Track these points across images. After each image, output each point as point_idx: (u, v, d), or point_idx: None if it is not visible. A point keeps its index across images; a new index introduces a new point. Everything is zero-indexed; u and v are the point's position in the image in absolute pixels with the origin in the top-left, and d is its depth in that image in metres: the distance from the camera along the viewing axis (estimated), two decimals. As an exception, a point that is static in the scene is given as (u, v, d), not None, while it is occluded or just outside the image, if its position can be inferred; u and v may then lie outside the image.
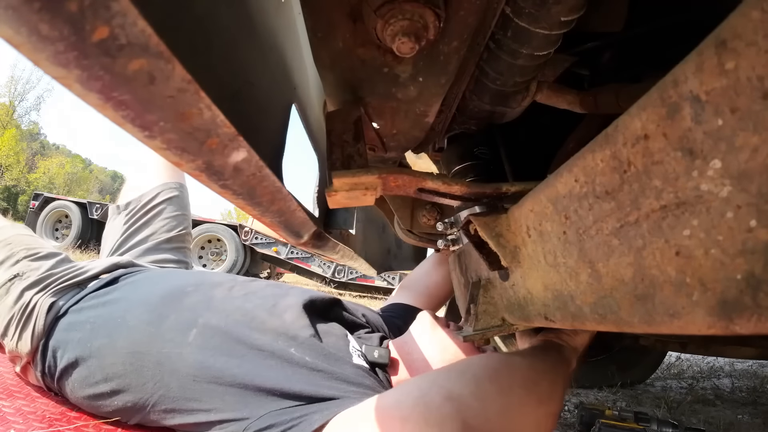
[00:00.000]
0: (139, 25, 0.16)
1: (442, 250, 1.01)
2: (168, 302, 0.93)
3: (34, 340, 0.96)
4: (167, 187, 1.48)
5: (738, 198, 0.18)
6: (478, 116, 0.61)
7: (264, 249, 6.02)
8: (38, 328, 0.97)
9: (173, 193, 1.49)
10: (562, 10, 0.41)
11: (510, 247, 0.40)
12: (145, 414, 0.84)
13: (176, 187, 1.51)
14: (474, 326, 0.49)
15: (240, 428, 0.72)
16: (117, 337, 0.89)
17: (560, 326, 0.36)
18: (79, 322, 0.95)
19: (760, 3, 0.17)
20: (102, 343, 0.89)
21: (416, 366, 0.89)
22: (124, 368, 0.85)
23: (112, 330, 0.90)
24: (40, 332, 0.97)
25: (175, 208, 1.47)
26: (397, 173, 0.42)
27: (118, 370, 0.86)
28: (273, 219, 0.41)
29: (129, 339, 0.88)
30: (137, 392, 0.84)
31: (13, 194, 34.06)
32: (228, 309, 0.90)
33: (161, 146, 0.23)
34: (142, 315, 0.91)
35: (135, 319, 0.91)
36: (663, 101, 0.21)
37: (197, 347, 0.83)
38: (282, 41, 0.46)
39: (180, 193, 1.52)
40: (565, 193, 0.31)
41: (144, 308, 0.93)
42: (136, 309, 0.93)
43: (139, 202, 1.43)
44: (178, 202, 1.49)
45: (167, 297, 0.95)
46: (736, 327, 0.18)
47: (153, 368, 0.83)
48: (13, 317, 0.98)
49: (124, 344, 0.87)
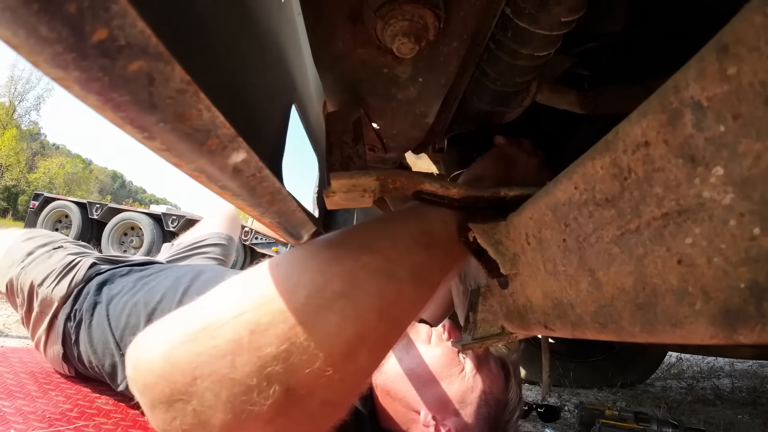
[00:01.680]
0: (139, 27, 0.16)
1: None
2: (187, 276, 1.09)
3: (71, 286, 1.11)
4: (218, 236, 1.69)
5: (741, 205, 0.18)
6: (478, 117, 0.61)
7: (264, 249, 6.02)
8: (78, 277, 1.13)
9: (221, 241, 1.68)
10: (562, 10, 0.41)
11: (509, 254, 0.40)
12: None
13: (225, 237, 1.71)
14: (473, 334, 0.49)
15: None
16: (138, 294, 1.03)
17: (560, 335, 0.36)
18: (111, 280, 1.12)
19: (763, 7, 0.17)
20: (126, 301, 1.03)
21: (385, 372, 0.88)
22: (142, 324, 0.95)
23: (137, 290, 1.06)
24: (79, 280, 1.12)
25: (217, 254, 1.65)
26: (396, 175, 0.42)
27: (133, 322, 0.97)
28: (273, 219, 0.40)
29: (147, 297, 1.01)
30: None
31: (13, 194, 34.06)
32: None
33: (161, 147, 0.23)
34: (164, 281, 1.07)
35: (158, 284, 1.06)
36: (664, 107, 0.21)
37: None
38: (282, 41, 0.46)
39: (227, 244, 1.71)
40: (564, 201, 0.31)
41: (168, 279, 1.09)
42: (162, 279, 1.10)
43: (189, 241, 1.64)
44: (222, 250, 1.68)
45: (187, 273, 1.11)
46: (739, 337, 0.18)
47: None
48: (54, 270, 1.13)
49: (141, 300, 1.01)
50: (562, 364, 1.97)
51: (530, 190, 0.41)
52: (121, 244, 6.51)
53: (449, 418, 0.80)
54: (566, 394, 1.92)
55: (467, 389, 0.82)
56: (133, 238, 6.52)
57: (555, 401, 1.79)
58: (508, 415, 0.83)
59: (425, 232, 0.41)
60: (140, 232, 6.42)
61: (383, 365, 0.85)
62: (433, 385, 0.81)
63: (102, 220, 6.54)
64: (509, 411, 0.84)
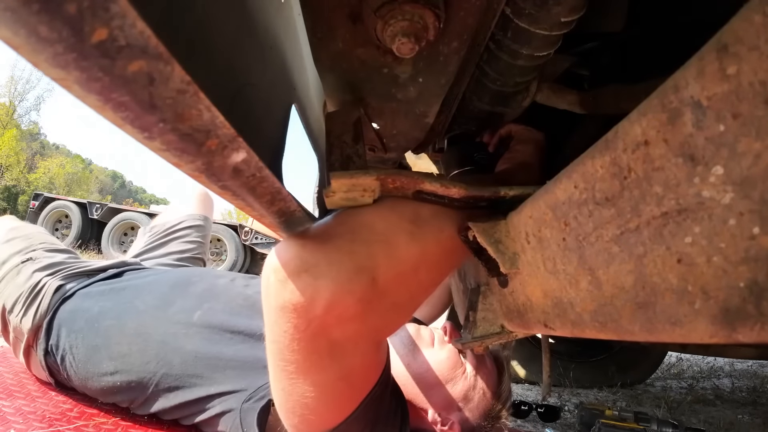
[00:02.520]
0: (138, 27, 0.16)
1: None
2: (175, 289, 1.01)
3: (37, 317, 1.02)
4: (192, 217, 1.63)
5: (740, 205, 0.18)
6: (478, 117, 0.61)
7: (264, 249, 6.02)
8: (43, 307, 1.03)
9: (197, 222, 1.63)
10: (562, 10, 0.41)
11: (509, 253, 0.40)
12: (147, 395, 0.88)
13: (200, 218, 1.66)
14: (473, 333, 0.49)
15: (240, 398, 0.78)
16: (126, 320, 0.95)
17: (560, 334, 0.36)
18: (86, 305, 1.02)
19: (762, 7, 0.17)
20: (110, 324, 0.95)
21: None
22: (129, 348, 0.91)
23: (120, 313, 0.97)
24: (44, 311, 1.02)
25: (195, 236, 1.60)
26: (396, 175, 0.42)
27: (123, 349, 0.91)
28: (273, 220, 0.41)
29: (137, 321, 0.94)
30: (140, 371, 0.88)
31: (13, 194, 34.09)
32: (230, 294, 0.98)
33: (161, 147, 0.23)
34: (150, 300, 0.99)
35: (144, 303, 0.98)
36: (664, 107, 0.21)
37: (201, 327, 0.89)
38: (282, 41, 0.46)
39: (203, 224, 1.65)
40: (564, 200, 0.31)
41: (153, 294, 1.01)
42: (145, 295, 1.01)
43: (163, 226, 1.58)
44: (199, 230, 1.62)
45: (174, 285, 1.04)
46: (738, 336, 0.18)
47: (157, 347, 0.88)
48: (21, 295, 1.04)
49: (132, 326, 0.93)
50: (562, 364, 1.97)
51: (530, 189, 0.41)
52: (121, 244, 6.51)
53: (453, 414, 0.88)
54: (566, 394, 1.92)
55: (469, 388, 0.89)
56: (133, 238, 6.52)
57: (555, 401, 1.79)
58: (501, 404, 0.92)
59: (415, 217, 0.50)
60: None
61: (394, 369, 0.87)
62: (439, 386, 0.88)
63: (102, 220, 6.54)
64: (502, 401, 0.93)
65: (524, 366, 2.03)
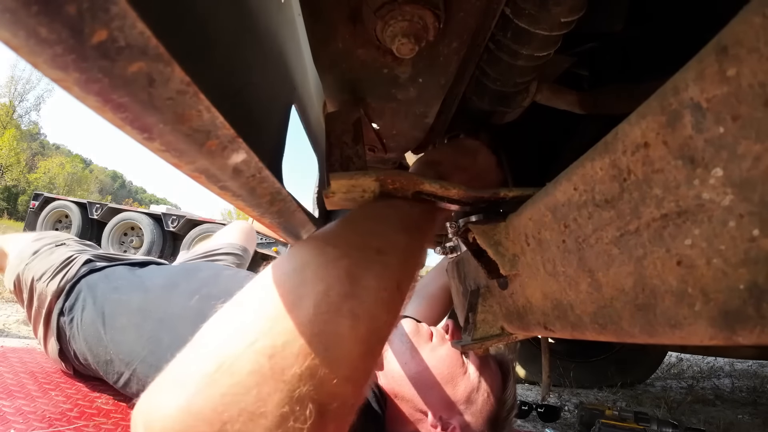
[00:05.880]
0: (138, 28, 0.16)
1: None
2: (183, 275, 1.09)
3: (62, 282, 1.13)
4: (232, 246, 1.72)
5: (740, 207, 0.18)
6: (478, 117, 0.61)
7: (264, 249, 6.01)
8: (70, 274, 1.15)
9: (235, 251, 1.70)
10: (562, 11, 0.41)
11: (509, 255, 0.40)
12: (132, 371, 0.90)
13: (240, 248, 1.73)
14: (472, 335, 0.49)
15: None
16: (133, 296, 1.02)
17: (560, 336, 0.36)
18: (107, 279, 1.13)
19: (762, 9, 0.17)
20: (118, 297, 1.03)
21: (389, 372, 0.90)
22: (128, 320, 0.95)
23: (130, 290, 1.05)
24: (71, 277, 1.14)
25: (231, 263, 1.65)
26: (395, 175, 0.42)
27: (122, 321, 0.96)
28: (273, 220, 0.41)
29: (142, 298, 1.00)
30: (132, 344, 0.91)
31: (13, 194, 34.07)
32: (232, 283, 1.01)
33: (160, 148, 0.23)
34: (159, 281, 1.07)
35: (153, 284, 1.06)
36: (663, 109, 0.21)
37: (197, 310, 0.90)
38: (282, 41, 0.46)
39: (242, 254, 1.72)
40: (564, 202, 0.31)
41: (162, 278, 1.09)
42: (156, 278, 1.10)
43: (204, 250, 1.68)
44: (236, 259, 1.69)
45: (183, 271, 1.12)
46: (738, 338, 0.18)
47: (153, 324, 0.92)
48: (52, 266, 1.16)
49: (136, 301, 1.00)
50: (562, 364, 1.97)
51: (530, 191, 0.41)
52: (121, 244, 6.51)
53: (455, 417, 0.83)
54: (566, 394, 1.92)
55: (472, 389, 0.84)
56: (133, 238, 6.52)
57: (555, 401, 1.79)
58: (506, 412, 0.86)
59: (404, 216, 0.43)
60: (140, 232, 6.42)
61: (391, 369, 0.86)
62: (439, 387, 0.83)
63: (102, 220, 6.54)
64: (507, 408, 0.87)
65: (524, 366, 2.03)
